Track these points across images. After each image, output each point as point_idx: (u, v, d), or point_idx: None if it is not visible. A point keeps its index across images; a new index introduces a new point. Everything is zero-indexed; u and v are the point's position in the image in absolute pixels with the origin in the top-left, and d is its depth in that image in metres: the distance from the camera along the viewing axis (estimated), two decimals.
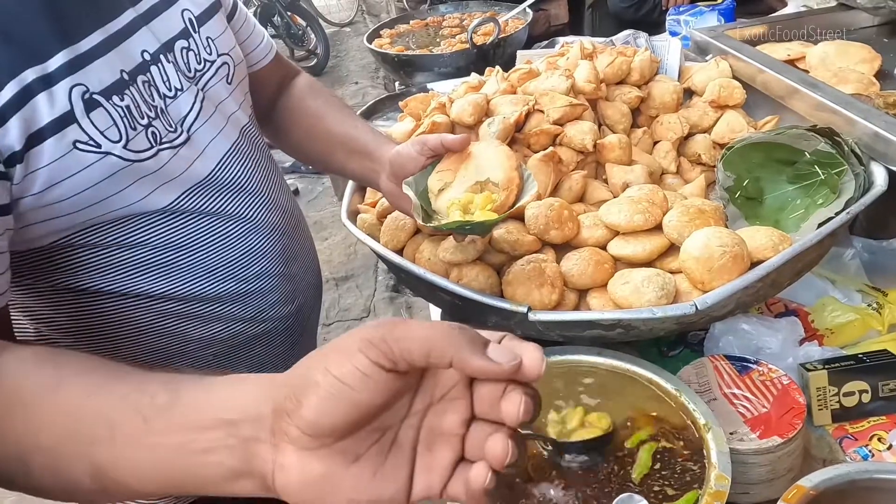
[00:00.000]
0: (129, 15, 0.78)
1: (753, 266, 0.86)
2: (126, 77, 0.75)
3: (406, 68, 2.15)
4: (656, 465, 0.76)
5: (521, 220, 0.99)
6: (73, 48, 0.70)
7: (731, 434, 0.81)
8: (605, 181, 1.14)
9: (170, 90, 0.81)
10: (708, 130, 1.23)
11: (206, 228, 0.85)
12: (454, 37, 2.32)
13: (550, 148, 1.09)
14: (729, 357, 0.92)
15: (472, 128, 1.16)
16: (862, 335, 1.01)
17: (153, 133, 0.76)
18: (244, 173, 0.90)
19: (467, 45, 2.02)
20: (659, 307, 0.83)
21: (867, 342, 1.00)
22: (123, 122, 0.72)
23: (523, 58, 1.49)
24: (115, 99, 0.72)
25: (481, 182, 0.88)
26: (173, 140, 0.79)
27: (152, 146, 0.76)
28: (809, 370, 0.89)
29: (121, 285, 0.80)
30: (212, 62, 0.88)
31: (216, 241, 0.86)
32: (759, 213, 1.06)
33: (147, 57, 0.79)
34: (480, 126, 1.14)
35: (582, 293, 0.95)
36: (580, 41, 1.36)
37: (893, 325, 1.02)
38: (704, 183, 1.13)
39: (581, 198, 1.11)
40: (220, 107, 0.89)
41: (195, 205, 0.83)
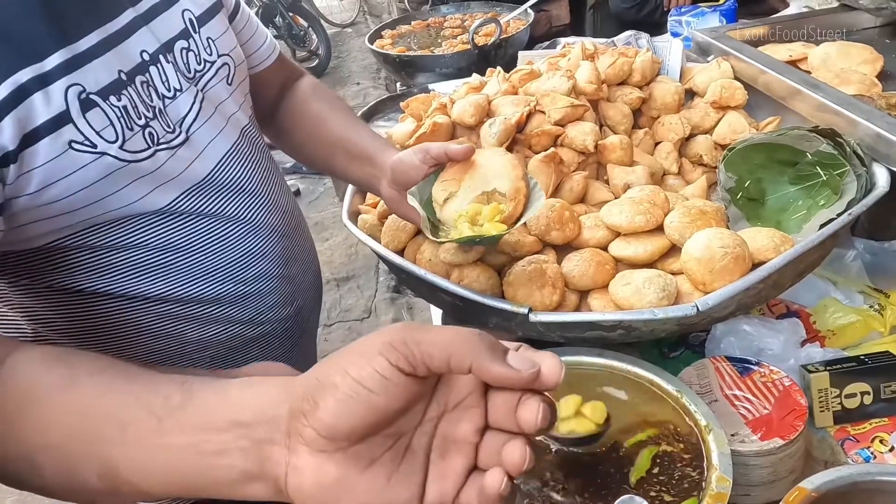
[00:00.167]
0: (129, 15, 0.78)
1: (755, 267, 0.86)
2: (124, 77, 0.74)
3: (407, 69, 2.15)
4: (654, 469, 0.75)
5: None
6: (70, 48, 0.69)
7: (733, 436, 0.81)
8: (606, 182, 1.14)
9: (169, 91, 0.80)
10: (709, 131, 1.22)
11: (205, 230, 0.85)
12: (455, 37, 2.32)
13: (552, 149, 1.09)
14: (730, 358, 0.92)
15: (473, 128, 1.16)
16: (864, 337, 1.01)
17: (150, 133, 0.76)
18: (244, 174, 0.90)
19: (469, 46, 2.02)
20: (660, 308, 0.83)
21: (869, 344, 1.00)
22: (120, 123, 0.72)
23: (524, 58, 1.49)
24: (112, 99, 0.72)
25: (488, 192, 0.88)
26: (171, 141, 0.79)
27: (149, 147, 0.76)
28: (811, 372, 0.88)
29: (119, 287, 0.80)
30: (212, 63, 0.88)
31: (215, 243, 0.86)
32: (761, 215, 1.06)
33: (146, 57, 0.78)
34: (482, 127, 1.14)
35: (583, 294, 0.95)
36: (581, 42, 1.36)
37: (895, 327, 1.02)
38: (706, 184, 1.13)
39: (582, 199, 1.10)
40: (219, 107, 0.88)
41: (194, 206, 0.83)
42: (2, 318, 0.84)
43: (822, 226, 0.90)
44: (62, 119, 0.67)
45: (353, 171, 1.04)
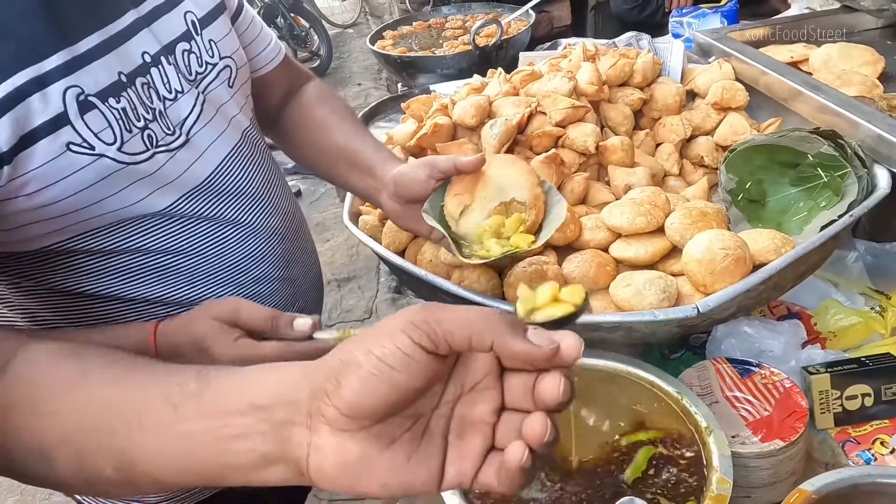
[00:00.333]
0: (131, 16, 0.78)
1: (756, 269, 0.86)
2: (124, 79, 0.74)
3: (409, 70, 2.15)
4: (650, 471, 0.75)
5: None
6: (70, 49, 0.69)
7: (733, 437, 0.81)
8: (607, 183, 1.14)
9: (169, 92, 0.80)
10: (710, 132, 1.22)
11: (205, 233, 0.85)
12: (457, 38, 2.32)
13: (552, 150, 1.09)
14: (731, 360, 0.92)
15: (474, 129, 1.16)
16: (865, 338, 1.01)
17: (149, 136, 0.76)
18: (245, 177, 0.90)
19: (470, 47, 2.02)
20: (661, 310, 0.83)
21: (870, 345, 1.00)
22: (119, 125, 0.72)
23: (526, 59, 1.49)
24: (111, 101, 0.72)
25: (506, 203, 0.87)
26: (170, 143, 0.79)
27: (147, 149, 0.75)
28: (812, 373, 0.88)
29: (119, 290, 0.80)
30: (213, 65, 0.88)
31: (215, 247, 0.86)
32: (762, 216, 1.06)
33: (147, 59, 0.78)
34: (482, 128, 1.14)
35: None
36: (583, 43, 1.36)
37: None
38: (707, 185, 1.13)
39: (583, 200, 1.10)
40: (221, 110, 0.88)
41: (194, 209, 0.83)
42: (1, 319, 0.84)
43: (823, 227, 0.90)
44: (60, 121, 0.67)
45: (354, 182, 1.02)
